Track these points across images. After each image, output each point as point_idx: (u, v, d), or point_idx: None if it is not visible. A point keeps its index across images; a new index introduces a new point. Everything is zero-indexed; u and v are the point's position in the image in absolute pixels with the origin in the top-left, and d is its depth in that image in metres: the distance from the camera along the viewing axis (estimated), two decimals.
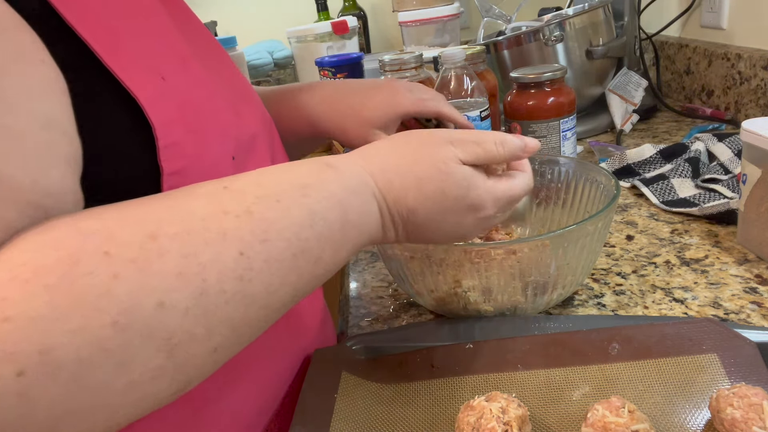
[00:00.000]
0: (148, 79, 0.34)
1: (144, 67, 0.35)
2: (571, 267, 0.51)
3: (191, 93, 0.38)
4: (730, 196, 0.69)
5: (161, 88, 0.35)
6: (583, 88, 1.02)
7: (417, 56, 0.89)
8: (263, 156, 0.47)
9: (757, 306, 0.51)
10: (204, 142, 0.38)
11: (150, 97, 0.34)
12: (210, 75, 0.42)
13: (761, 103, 0.95)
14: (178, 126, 0.36)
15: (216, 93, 0.41)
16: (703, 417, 0.38)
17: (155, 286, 0.26)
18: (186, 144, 0.36)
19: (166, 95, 0.35)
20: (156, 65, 0.36)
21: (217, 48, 0.50)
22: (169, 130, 0.35)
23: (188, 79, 0.39)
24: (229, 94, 0.45)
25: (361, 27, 1.66)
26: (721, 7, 1.06)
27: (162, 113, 0.34)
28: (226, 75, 0.48)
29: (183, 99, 0.37)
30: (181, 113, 0.36)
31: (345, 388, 0.45)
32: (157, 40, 0.38)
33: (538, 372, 0.44)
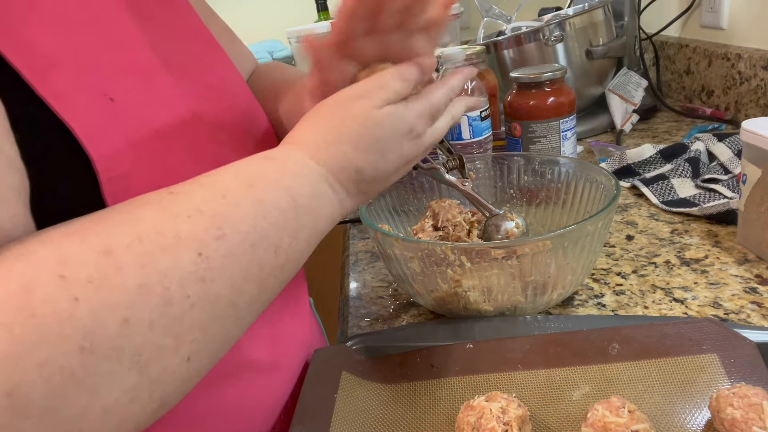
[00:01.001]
0: (89, 103, 0.32)
1: (86, 87, 0.32)
2: (571, 267, 0.51)
3: (151, 113, 0.36)
4: (730, 196, 0.69)
5: (108, 111, 0.32)
6: (583, 88, 1.02)
7: None
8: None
9: (757, 306, 0.51)
10: (167, 168, 0.35)
11: (90, 125, 0.31)
12: (185, 86, 0.40)
13: (761, 103, 0.95)
14: (128, 155, 0.33)
15: (188, 108, 0.39)
16: (703, 417, 0.38)
17: (117, 302, 0.25)
18: (137, 175, 0.33)
19: (114, 120, 0.33)
20: (104, 84, 0.33)
21: (208, 50, 0.48)
22: (114, 162, 0.32)
23: (149, 98, 0.36)
24: (210, 104, 0.42)
25: None
26: (721, 7, 1.06)
27: (105, 142, 0.32)
28: (211, 81, 0.45)
29: (138, 122, 0.34)
30: (132, 140, 0.33)
31: (345, 388, 0.45)
32: (111, 52, 0.35)
33: (538, 372, 0.44)
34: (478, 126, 0.76)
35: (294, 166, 0.36)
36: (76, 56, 0.32)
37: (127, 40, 0.36)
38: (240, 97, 0.49)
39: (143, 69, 0.36)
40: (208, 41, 0.48)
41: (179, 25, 0.45)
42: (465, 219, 0.60)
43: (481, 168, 0.67)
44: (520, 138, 0.80)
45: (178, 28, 0.44)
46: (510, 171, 0.66)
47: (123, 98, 0.34)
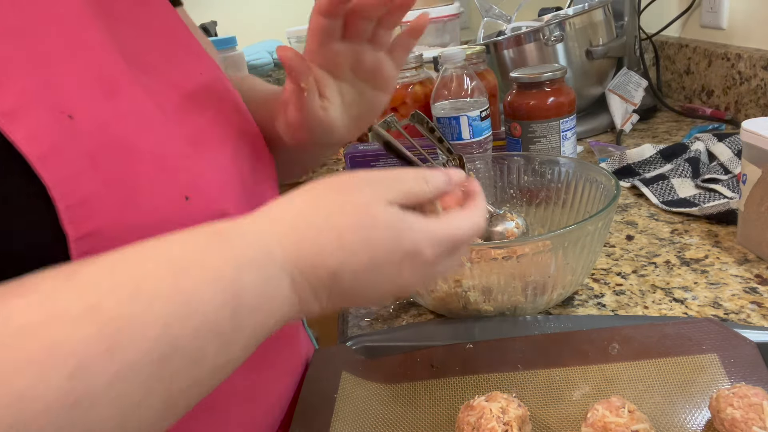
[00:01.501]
0: (44, 122, 0.28)
1: (42, 105, 0.29)
2: (571, 267, 0.51)
3: (117, 128, 0.32)
4: (730, 196, 0.69)
5: (66, 130, 0.29)
6: (583, 88, 1.02)
7: (417, 56, 0.89)
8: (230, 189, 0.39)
9: (757, 306, 0.51)
10: (134, 188, 0.31)
11: (45, 147, 0.28)
12: (160, 96, 0.36)
13: (761, 103, 0.95)
14: (89, 178, 0.29)
15: (160, 120, 0.34)
16: (703, 417, 0.38)
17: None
18: (100, 199, 0.30)
19: (73, 140, 0.29)
20: (62, 100, 0.30)
21: (190, 55, 0.43)
22: (73, 187, 0.29)
23: (115, 112, 0.32)
24: (191, 118, 0.38)
25: None
26: (721, 7, 1.06)
27: (63, 166, 0.28)
28: (192, 89, 0.40)
29: (101, 140, 0.30)
30: (93, 161, 0.30)
31: (345, 388, 0.45)
32: (75, 65, 0.31)
33: (538, 372, 0.44)
34: (478, 126, 0.76)
35: (249, 250, 0.29)
36: (32, 69, 0.29)
37: (90, 46, 0.32)
38: (225, 102, 0.44)
39: (108, 79, 0.32)
40: (187, 41, 0.44)
41: (156, 25, 0.41)
42: None
43: (481, 168, 0.67)
44: (520, 138, 0.80)
45: (154, 28, 0.40)
46: (510, 171, 0.66)
47: (83, 114, 0.30)
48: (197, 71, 0.42)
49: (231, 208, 0.38)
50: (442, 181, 0.35)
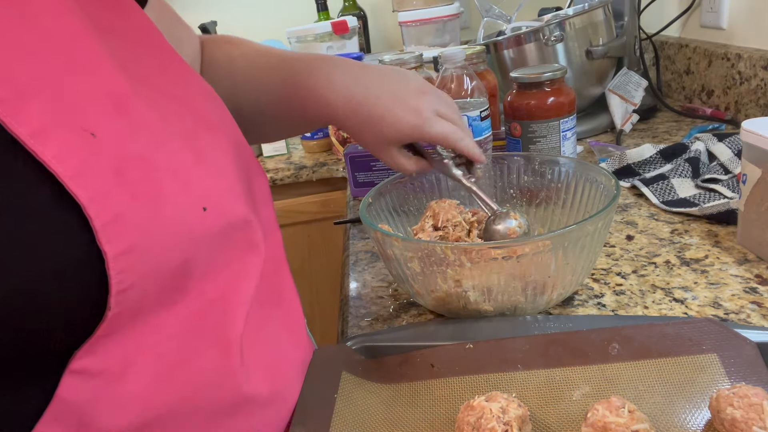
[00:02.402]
0: (71, 141, 0.28)
1: (65, 124, 0.29)
2: (571, 267, 0.51)
3: (133, 144, 0.32)
4: (730, 196, 0.69)
5: (91, 148, 0.29)
6: (583, 88, 1.02)
7: (417, 56, 0.89)
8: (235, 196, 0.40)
9: (757, 306, 0.51)
10: (158, 203, 0.32)
11: (76, 166, 0.28)
12: (160, 110, 0.36)
13: (761, 103, 0.95)
14: (118, 195, 0.29)
15: (167, 135, 0.35)
16: (703, 417, 0.38)
17: None
18: (131, 215, 0.30)
19: (99, 157, 0.29)
20: (82, 117, 0.30)
21: (176, 65, 0.43)
22: (105, 204, 0.29)
23: (128, 126, 0.32)
24: (189, 128, 0.38)
25: (361, 27, 1.66)
26: (721, 7, 1.06)
27: (94, 183, 0.28)
28: (186, 100, 0.41)
29: (122, 156, 0.31)
30: (119, 177, 0.30)
31: (345, 388, 0.45)
32: (84, 81, 0.31)
33: (538, 372, 0.44)
34: (478, 126, 0.76)
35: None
36: (47, 87, 0.29)
37: (95, 63, 0.32)
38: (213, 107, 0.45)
39: (116, 95, 0.32)
40: (168, 51, 0.44)
41: (139, 37, 0.41)
42: (465, 219, 0.60)
43: (481, 168, 0.67)
44: (520, 138, 0.80)
45: (139, 40, 0.40)
46: (510, 171, 0.66)
47: (103, 132, 0.30)
48: (183, 79, 0.43)
49: (244, 213, 0.39)
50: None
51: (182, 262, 0.33)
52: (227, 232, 0.37)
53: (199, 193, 0.35)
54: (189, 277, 0.34)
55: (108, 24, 0.36)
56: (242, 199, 0.40)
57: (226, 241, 0.37)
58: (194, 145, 0.37)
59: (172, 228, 0.32)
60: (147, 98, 0.35)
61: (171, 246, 0.31)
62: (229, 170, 0.40)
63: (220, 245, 0.37)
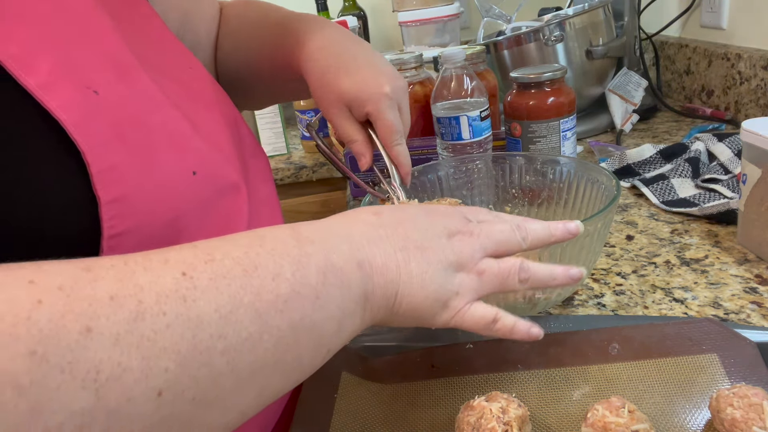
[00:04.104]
0: (74, 95, 0.31)
1: (70, 80, 0.31)
2: None
3: (133, 107, 0.35)
4: (730, 196, 0.69)
5: (93, 103, 0.32)
6: (583, 88, 1.02)
7: (417, 56, 0.89)
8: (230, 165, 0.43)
9: (757, 306, 0.51)
10: (151, 161, 0.34)
11: (77, 116, 0.30)
12: (161, 84, 0.39)
13: (761, 103, 0.95)
14: (115, 147, 0.32)
15: (166, 104, 0.38)
16: (703, 417, 0.38)
17: (83, 311, 0.22)
18: (124, 167, 0.32)
19: (99, 112, 0.32)
20: (87, 78, 0.32)
21: (177, 51, 0.47)
22: (102, 153, 0.31)
23: (130, 91, 0.35)
24: (186, 103, 0.41)
25: (361, 27, 1.66)
26: (721, 7, 1.06)
27: (93, 134, 0.31)
28: (185, 81, 0.44)
29: (122, 115, 0.33)
30: (117, 132, 0.32)
31: (345, 388, 0.45)
32: (91, 49, 0.34)
33: (538, 372, 0.44)
34: (478, 126, 0.76)
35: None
36: (56, 49, 0.32)
37: (103, 35, 0.36)
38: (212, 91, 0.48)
39: (121, 64, 0.35)
40: (170, 38, 0.47)
41: (143, 24, 0.44)
42: None
43: (481, 168, 0.67)
44: (520, 138, 0.80)
45: (143, 26, 0.44)
46: (512, 171, 0.66)
47: (106, 91, 0.33)
48: (186, 65, 0.46)
49: (235, 183, 0.42)
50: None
51: (173, 219, 0.35)
52: (216, 199, 0.40)
53: (191, 158, 0.37)
54: (180, 235, 0.36)
55: (118, 11, 0.40)
56: (235, 172, 0.42)
57: (216, 207, 0.40)
58: (191, 117, 0.40)
59: (162, 185, 0.34)
60: (148, 73, 0.37)
61: (160, 201, 0.34)
62: (224, 145, 0.43)
63: (209, 210, 0.39)
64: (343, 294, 0.31)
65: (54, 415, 0.21)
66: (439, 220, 0.38)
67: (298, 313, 0.29)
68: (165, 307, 0.24)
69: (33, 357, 0.20)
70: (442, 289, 0.35)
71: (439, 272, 0.35)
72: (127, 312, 0.23)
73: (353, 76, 0.54)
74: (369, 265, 0.33)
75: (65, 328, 0.21)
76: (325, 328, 0.30)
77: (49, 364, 0.21)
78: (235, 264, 0.27)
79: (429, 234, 0.36)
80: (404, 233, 0.36)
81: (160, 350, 0.23)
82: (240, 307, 0.26)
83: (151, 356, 0.23)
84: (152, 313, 0.24)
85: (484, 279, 0.37)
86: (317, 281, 0.30)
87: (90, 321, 0.22)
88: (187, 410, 0.25)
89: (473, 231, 0.38)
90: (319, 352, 0.31)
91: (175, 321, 0.24)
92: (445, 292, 0.35)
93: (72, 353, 0.21)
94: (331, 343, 0.31)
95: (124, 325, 0.23)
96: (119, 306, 0.23)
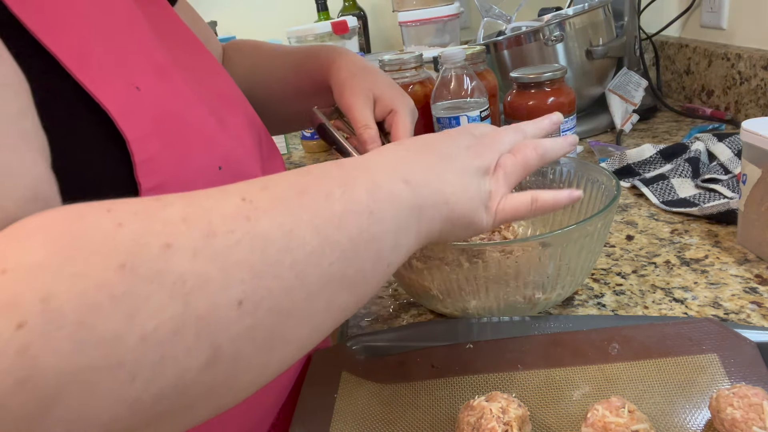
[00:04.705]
0: (121, 90, 0.34)
1: (117, 77, 0.34)
2: (571, 268, 0.51)
3: (169, 104, 0.38)
4: (730, 196, 0.69)
5: (136, 99, 0.35)
6: (583, 88, 1.02)
7: (417, 56, 0.89)
8: (253, 162, 0.47)
9: (757, 306, 0.51)
10: (184, 154, 0.37)
11: (123, 110, 0.33)
12: (191, 85, 0.42)
13: (761, 103, 0.95)
14: (154, 140, 0.35)
15: (197, 103, 0.41)
16: (703, 417, 0.38)
17: (160, 230, 0.25)
18: (162, 158, 0.35)
19: (141, 107, 0.35)
20: (130, 75, 0.35)
21: (203, 55, 0.50)
22: (144, 145, 0.34)
23: (165, 90, 0.38)
24: (213, 103, 0.44)
25: (361, 27, 1.66)
26: (721, 7, 1.06)
27: (136, 127, 0.34)
28: (211, 83, 0.48)
29: (160, 111, 0.36)
30: (157, 126, 0.35)
31: (345, 388, 0.45)
32: (132, 50, 0.37)
33: (538, 372, 0.44)
34: None
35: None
36: (103, 46, 0.34)
37: (142, 36, 0.39)
38: (234, 91, 0.52)
39: (158, 64, 0.39)
40: (195, 41, 0.51)
41: (173, 28, 0.47)
42: None
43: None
44: None
45: (173, 30, 0.47)
46: None
47: (146, 88, 0.36)
48: (207, 65, 0.50)
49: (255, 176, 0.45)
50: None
51: None
52: None
53: (218, 153, 0.40)
54: None
55: (152, 14, 0.43)
56: (256, 169, 0.46)
57: None
58: (217, 114, 0.43)
59: (192, 177, 0.37)
60: (185, 75, 0.41)
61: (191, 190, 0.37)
62: (246, 142, 0.47)
63: None
64: (394, 207, 0.34)
65: (148, 321, 0.23)
66: (455, 138, 0.42)
67: (355, 228, 0.31)
68: (232, 226, 0.27)
69: (123, 269, 0.23)
70: (479, 192, 0.39)
71: (473, 177, 0.39)
72: (200, 230, 0.26)
73: (384, 79, 0.62)
74: (414, 180, 0.36)
75: (148, 244, 0.24)
76: (382, 242, 0.33)
77: (138, 276, 0.23)
78: (289, 189, 0.30)
79: (452, 150, 0.40)
80: (432, 152, 0.39)
81: (234, 263, 0.26)
82: (300, 224, 0.29)
83: (227, 268, 0.26)
84: (222, 231, 0.26)
85: (508, 171, 0.41)
86: (367, 199, 0.32)
87: (168, 238, 0.25)
88: (266, 321, 0.27)
89: (484, 142, 0.43)
90: (380, 266, 0.33)
91: (244, 238, 0.27)
92: (483, 193, 0.40)
93: (157, 266, 0.24)
94: (390, 257, 0.33)
95: (200, 242, 0.25)
96: (191, 226, 0.26)
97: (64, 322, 0.21)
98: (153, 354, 0.23)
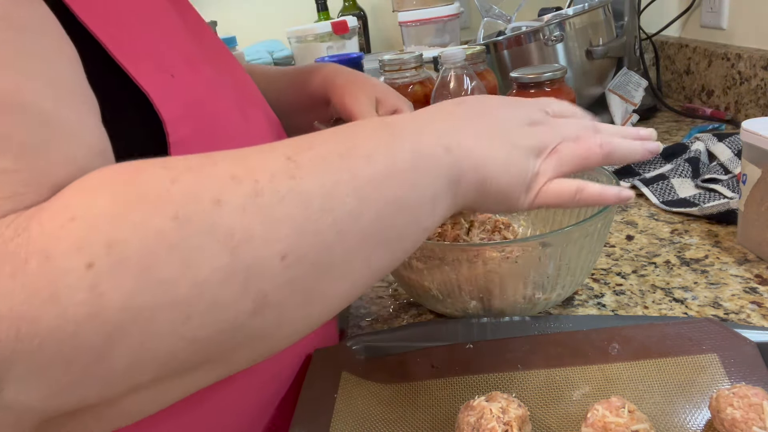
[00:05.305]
0: (157, 76, 0.36)
1: (153, 63, 0.36)
2: (571, 268, 0.51)
3: (199, 93, 0.39)
4: (730, 196, 0.69)
5: (170, 85, 0.37)
6: (583, 88, 1.02)
7: (417, 56, 0.89)
8: None
9: (757, 306, 0.51)
10: (213, 141, 0.38)
11: (160, 93, 0.35)
12: (218, 77, 0.43)
13: (761, 103, 0.95)
14: (187, 124, 0.37)
15: (224, 95, 0.43)
16: (703, 417, 0.38)
17: (210, 186, 0.27)
18: (193, 143, 0.37)
19: (175, 92, 0.37)
20: (165, 63, 0.37)
21: (225, 51, 0.52)
22: (177, 127, 0.36)
23: (196, 79, 0.40)
24: (237, 97, 0.46)
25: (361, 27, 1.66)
26: (721, 7, 1.06)
27: (171, 110, 0.36)
28: (234, 78, 0.49)
29: (191, 98, 0.38)
30: (188, 112, 0.37)
31: (345, 388, 0.45)
32: (167, 39, 0.39)
33: (538, 372, 0.44)
34: None
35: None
36: (142, 34, 0.37)
37: (176, 29, 0.41)
38: (255, 89, 0.54)
39: (189, 55, 0.41)
40: (218, 42, 0.53)
41: (202, 29, 0.49)
42: (465, 218, 0.60)
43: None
44: None
45: (202, 30, 0.48)
46: None
47: (179, 76, 0.38)
48: (231, 65, 0.51)
49: None
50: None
51: None
52: None
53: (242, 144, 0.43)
54: None
55: (182, 9, 0.45)
56: None
57: None
58: (244, 113, 0.45)
59: None
60: (212, 68, 0.43)
61: None
62: (267, 138, 0.48)
63: None
64: (434, 174, 0.34)
65: (201, 270, 0.25)
66: (521, 111, 0.41)
67: (393, 191, 0.32)
68: (277, 184, 0.28)
69: (177, 220, 0.25)
70: (524, 172, 0.38)
71: (522, 156, 0.38)
72: (247, 187, 0.27)
73: (382, 84, 0.64)
74: (457, 149, 0.35)
75: (200, 199, 0.26)
76: (420, 207, 0.33)
77: (191, 227, 0.25)
78: (333, 149, 0.31)
79: (511, 122, 0.39)
80: (487, 121, 0.39)
81: (278, 220, 0.28)
82: (340, 184, 0.30)
83: (272, 223, 0.27)
84: (268, 189, 0.28)
85: (563, 160, 0.39)
86: (409, 164, 0.33)
87: (219, 194, 0.26)
88: (308, 274, 0.29)
89: (550, 122, 0.41)
90: (416, 229, 0.34)
91: (287, 195, 0.28)
92: (528, 174, 0.38)
93: (208, 219, 0.26)
94: (426, 221, 0.34)
95: (247, 198, 0.27)
96: (240, 183, 0.27)
97: (127, 265, 0.24)
98: (205, 298, 0.25)
